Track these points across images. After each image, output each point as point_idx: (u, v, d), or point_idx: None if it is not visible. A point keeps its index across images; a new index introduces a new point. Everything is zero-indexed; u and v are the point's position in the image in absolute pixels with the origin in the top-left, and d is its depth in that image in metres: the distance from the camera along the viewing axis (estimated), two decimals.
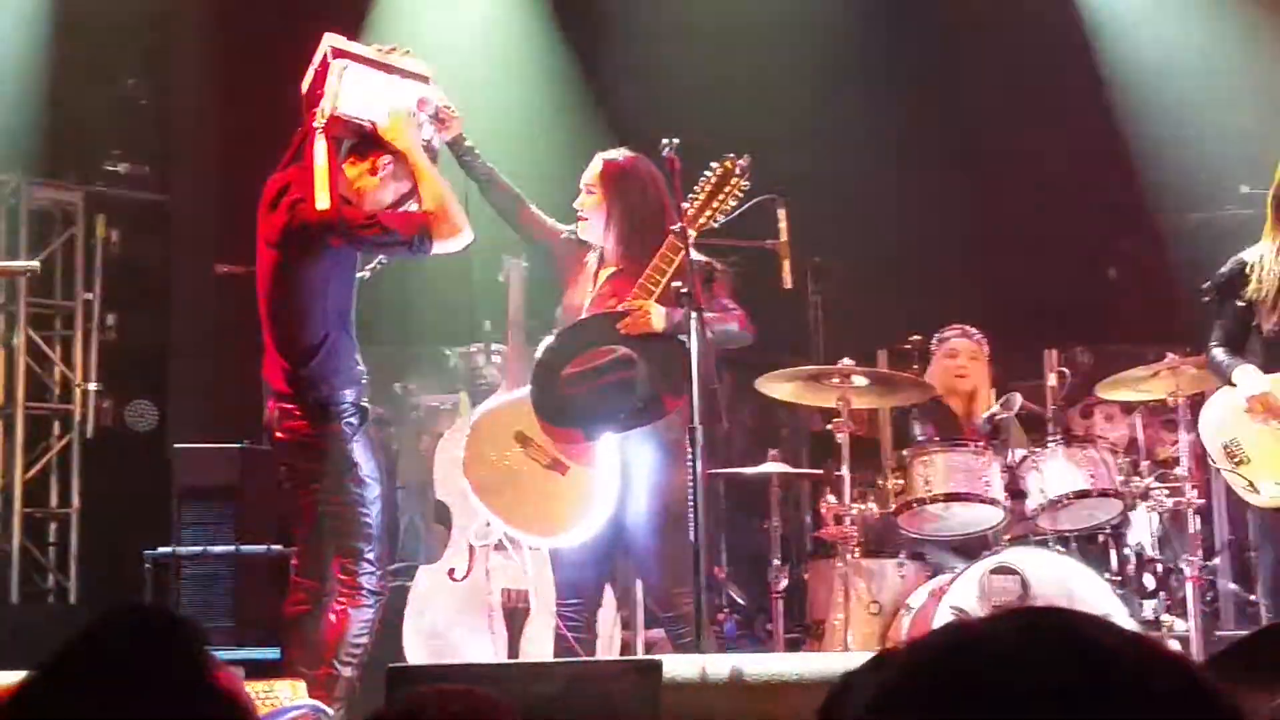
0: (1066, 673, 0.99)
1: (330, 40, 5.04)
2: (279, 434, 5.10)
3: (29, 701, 1.54)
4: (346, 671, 4.97)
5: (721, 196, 5.08)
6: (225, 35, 8.57)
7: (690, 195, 5.07)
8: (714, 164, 5.11)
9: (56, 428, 8.70)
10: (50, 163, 8.61)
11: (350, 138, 5.10)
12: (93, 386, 8.63)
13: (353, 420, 5.03)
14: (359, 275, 5.27)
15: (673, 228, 4.98)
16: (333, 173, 4.93)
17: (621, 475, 5.09)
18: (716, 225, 5.13)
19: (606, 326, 5.08)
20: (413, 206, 5.09)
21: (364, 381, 5.13)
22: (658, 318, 4.99)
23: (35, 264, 4.86)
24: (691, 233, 5.01)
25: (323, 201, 4.86)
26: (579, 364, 5.08)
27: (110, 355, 8.74)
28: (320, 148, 4.90)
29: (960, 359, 6.75)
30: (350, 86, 4.99)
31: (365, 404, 5.13)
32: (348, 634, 4.96)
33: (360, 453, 5.03)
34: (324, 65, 5.02)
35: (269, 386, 5.19)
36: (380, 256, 5.35)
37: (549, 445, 5.15)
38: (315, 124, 4.93)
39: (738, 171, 5.09)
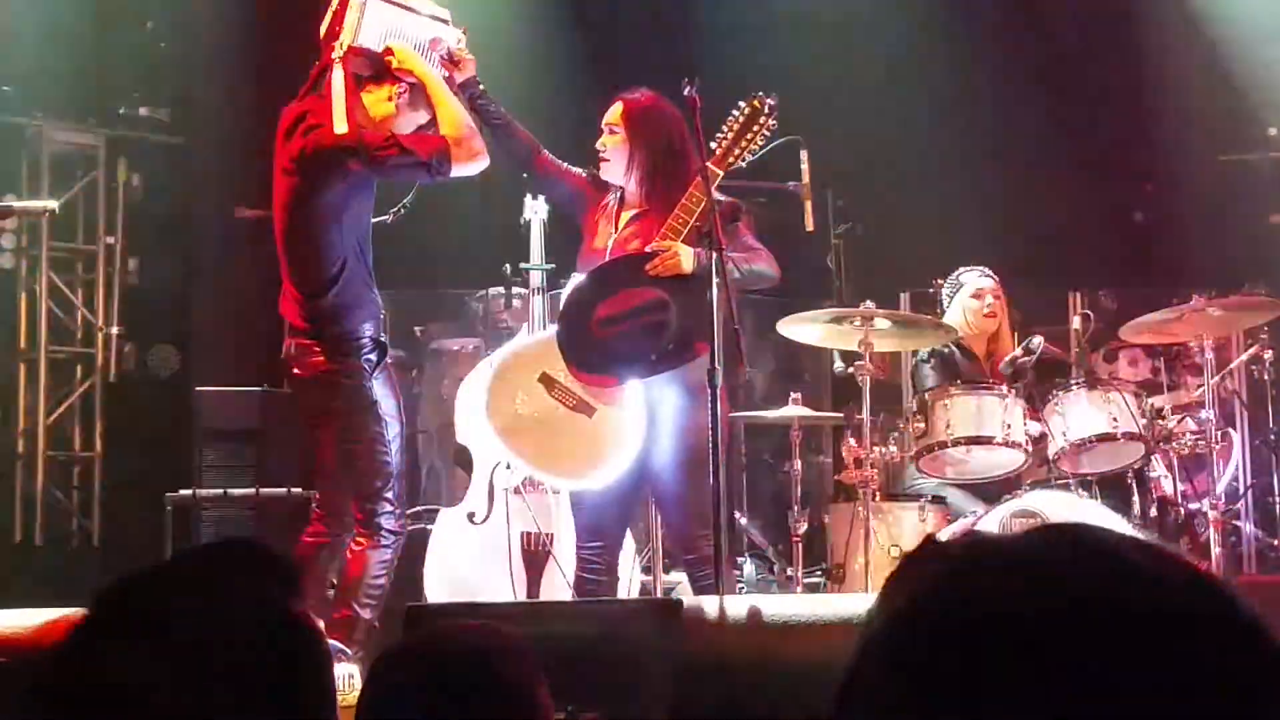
0: (1090, 582, 0.97)
1: None
2: (296, 369, 5.10)
3: (118, 619, 1.55)
4: (366, 613, 4.99)
5: (750, 136, 5.04)
6: None
7: (718, 134, 5.03)
8: (741, 103, 5.07)
9: (79, 372, 8.74)
10: (72, 106, 8.61)
11: (368, 70, 5.10)
12: (115, 331, 8.65)
13: (371, 356, 5.02)
14: (382, 219, 5.25)
15: (699, 167, 4.94)
16: (350, 100, 4.93)
17: (647, 417, 5.07)
18: (744, 165, 5.09)
19: (635, 268, 5.04)
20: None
21: (382, 316, 5.12)
22: (686, 259, 4.96)
23: (54, 203, 4.88)
24: (719, 172, 4.97)
25: (340, 126, 4.87)
26: (610, 306, 5.04)
27: (132, 299, 8.76)
28: (338, 76, 4.94)
29: (987, 298, 6.70)
30: (370, 20, 5.02)
31: (384, 339, 5.12)
32: (366, 574, 4.97)
33: (379, 389, 5.03)
34: (343, 5, 5.03)
35: (287, 323, 5.18)
36: (405, 200, 5.34)
37: (574, 386, 5.12)
38: (334, 55, 4.95)
39: (766, 110, 5.04)
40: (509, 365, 5.28)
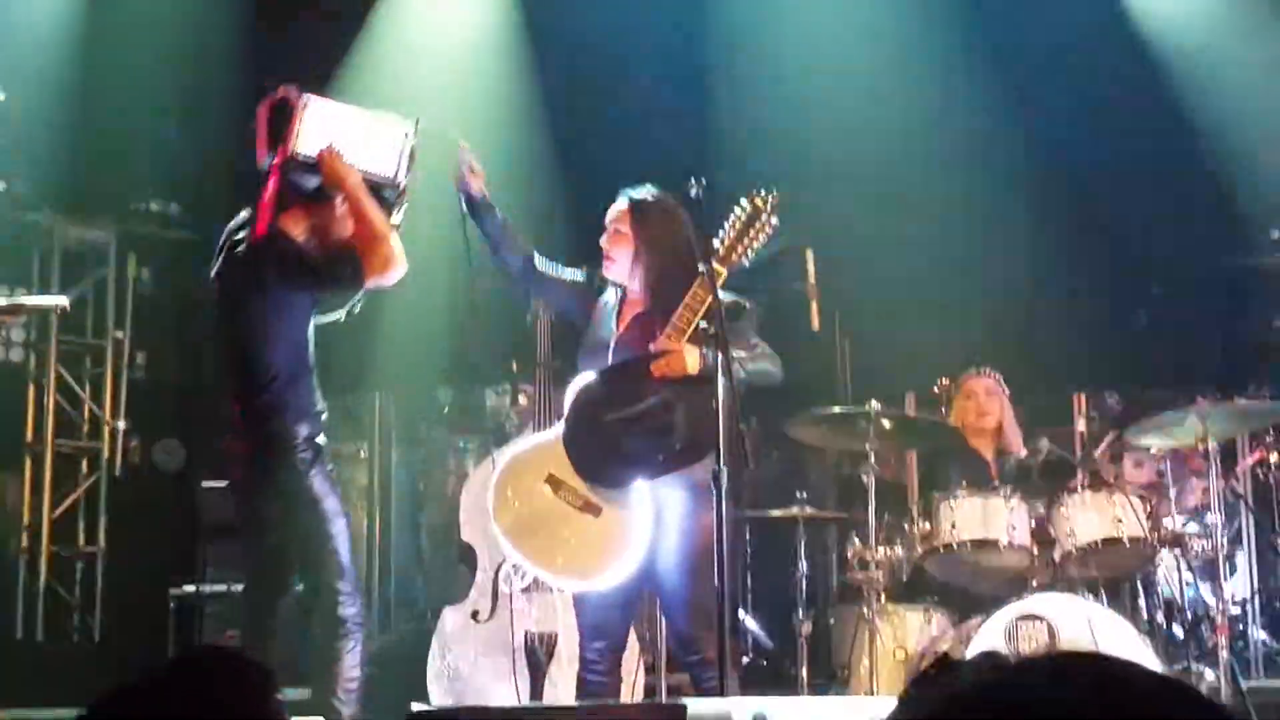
0: (1098, 715, 0.97)
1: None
2: (236, 473, 5.13)
3: None
4: (346, 710, 4.94)
5: (752, 233, 5.03)
6: (258, 76, 8.62)
7: (720, 232, 5.03)
8: (743, 200, 5.06)
9: (85, 466, 8.73)
10: (83, 202, 8.68)
11: (306, 176, 5.13)
12: (121, 425, 8.66)
13: (306, 455, 5.01)
14: (335, 317, 5.29)
15: (702, 266, 4.95)
16: (277, 207, 5.02)
17: (654, 517, 5.05)
18: (747, 263, 5.08)
19: (641, 371, 5.03)
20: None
21: (322, 418, 5.11)
22: (692, 360, 4.95)
23: (64, 300, 4.91)
24: (722, 270, 4.98)
25: (259, 231, 4.93)
26: (616, 410, 5.03)
27: (139, 394, 8.78)
28: (272, 184, 5.02)
29: (979, 397, 6.71)
30: (309, 123, 5.07)
31: (320, 441, 5.11)
32: (341, 669, 4.95)
33: (320, 486, 5.02)
34: (268, 111, 5.13)
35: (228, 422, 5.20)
36: (356, 300, 5.35)
37: (581, 487, 5.09)
38: (268, 162, 5.05)
39: (768, 207, 5.04)
40: (515, 465, 5.24)
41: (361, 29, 8.49)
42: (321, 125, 5.09)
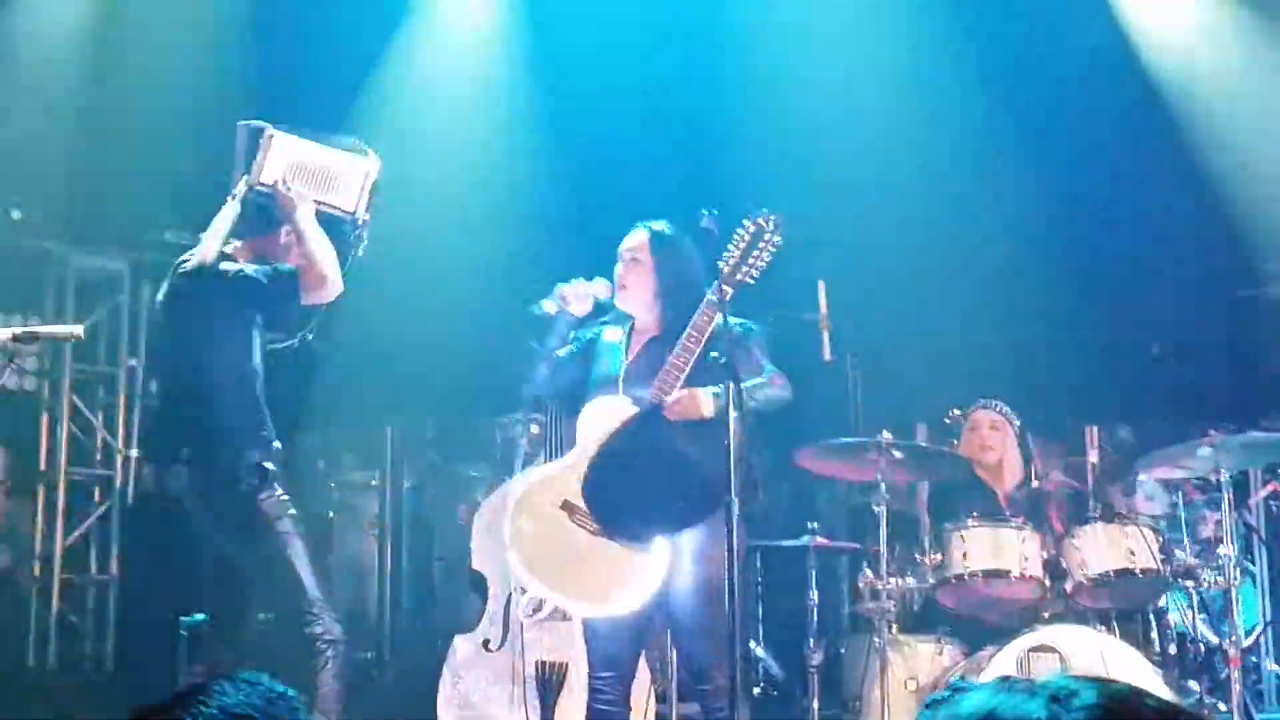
0: None
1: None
2: (190, 502, 5.15)
3: None
4: None
5: (756, 253, 5.05)
6: (274, 108, 8.66)
7: (724, 253, 5.04)
8: (745, 220, 5.08)
9: (97, 494, 8.75)
10: (97, 231, 8.71)
11: (262, 206, 5.37)
12: (134, 453, 8.68)
13: (253, 480, 5.01)
14: (288, 344, 5.34)
15: (710, 291, 4.98)
16: (229, 234, 5.24)
17: (671, 543, 5.04)
18: (752, 282, 5.09)
19: (656, 418, 5.04)
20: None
21: (273, 445, 5.13)
22: (706, 404, 4.97)
23: (79, 329, 4.95)
24: (729, 290, 4.99)
25: (200, 256, 5.15)
26: (633, 464, 5.03)
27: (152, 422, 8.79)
28: (226, 210, 5.30)
29: (982, 430, 6.71)
30: (273, 156, 5.34)
31: (270, 466, 5.12)
32: (318, 685, 4.94)
33: (271, 508, 5.04)
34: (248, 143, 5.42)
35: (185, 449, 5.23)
36: (310, 325, 5.42)
37: None
38: (232, 193, 5.32)
39: (770, 227, 5.06)
40: (530, 493, 5.23)
41: (375, 65, 8.53)
42: (284, 158, 5.33)
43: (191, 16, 8.10)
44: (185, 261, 5.30)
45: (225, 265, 5.20)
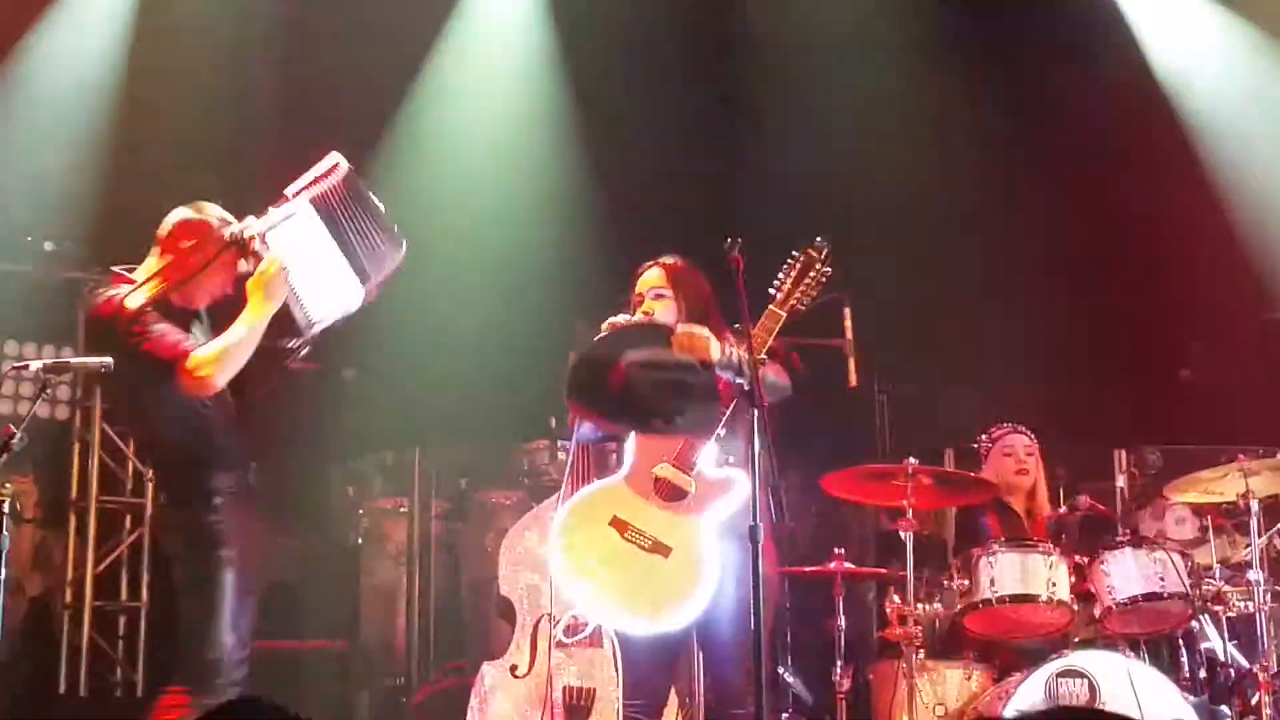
0: None
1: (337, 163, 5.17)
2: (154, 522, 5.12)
3: None
4: None
5: (808, 281, 5.07)
6: (298, 136, 8.72)
7: (776, 280, 5.07)
8: (795, 251, 5.11)
9: (128, 522, 8.80)
10: (127, 262, 8.76)
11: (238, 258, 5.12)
12: None
13: (215, 503, 4.93)
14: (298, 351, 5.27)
15: (772, 308, 5.00)
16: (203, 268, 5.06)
17: (720, 558, 5.04)
18: (803, 309, 5.11)
19: (662, 336, 5.09)
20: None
21: (236, 466, 5.05)
22: (715, 347, 5.02)
23: (109, 359, 4.93)
24: (781, 314, 5.02)
25: (128, 299, 4.99)
26: (635, 356, 5.07)
27: None
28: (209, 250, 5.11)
29: (1018, 453, 6.71)
30: (290, 232, 5.05)
31: (233, 489, 5.01)
32: None
33: (228, 534, 4.95)
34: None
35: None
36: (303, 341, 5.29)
37: (648, 528, 5.07)
38: (233, 231, 5.11)
39: (821, 256, 5.09)
40: (577, 512, 5.20)
41: (402, 99, 8.57)
42: (293, 238, 5.04)
43: (222, 48, 8.15)
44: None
45: (128, 313, 4.99)
